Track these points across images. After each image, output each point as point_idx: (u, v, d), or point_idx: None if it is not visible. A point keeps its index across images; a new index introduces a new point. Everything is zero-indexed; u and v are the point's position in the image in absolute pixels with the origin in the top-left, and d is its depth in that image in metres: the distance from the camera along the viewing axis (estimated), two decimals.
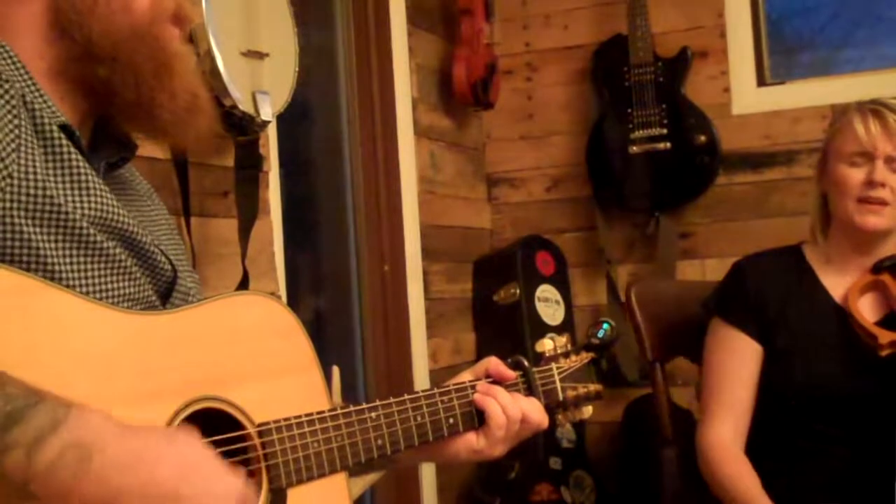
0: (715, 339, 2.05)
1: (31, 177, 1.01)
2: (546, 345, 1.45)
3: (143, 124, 1.15)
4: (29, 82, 1.07)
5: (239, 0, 1.99)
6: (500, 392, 1.33)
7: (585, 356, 1.48)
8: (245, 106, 1.99)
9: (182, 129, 1.15)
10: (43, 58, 1.09)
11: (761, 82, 3.22)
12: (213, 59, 1.88)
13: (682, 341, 2.24)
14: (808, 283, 2.05)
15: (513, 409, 1.32)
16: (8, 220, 0.99)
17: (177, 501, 0.92)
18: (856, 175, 1.98)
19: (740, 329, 2.01)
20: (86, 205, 1.05)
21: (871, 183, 1.96)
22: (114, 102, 1.12)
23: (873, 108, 2.00)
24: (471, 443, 1.32)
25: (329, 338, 2.86)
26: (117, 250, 1.07)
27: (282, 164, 2.43)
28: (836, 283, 2.04)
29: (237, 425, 1.08)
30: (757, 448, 1.98)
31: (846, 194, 1.99)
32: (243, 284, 2.09)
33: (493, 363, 1.37)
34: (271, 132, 2.35)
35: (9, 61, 1.07)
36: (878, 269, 2.02)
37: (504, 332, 3.19)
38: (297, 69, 2.15)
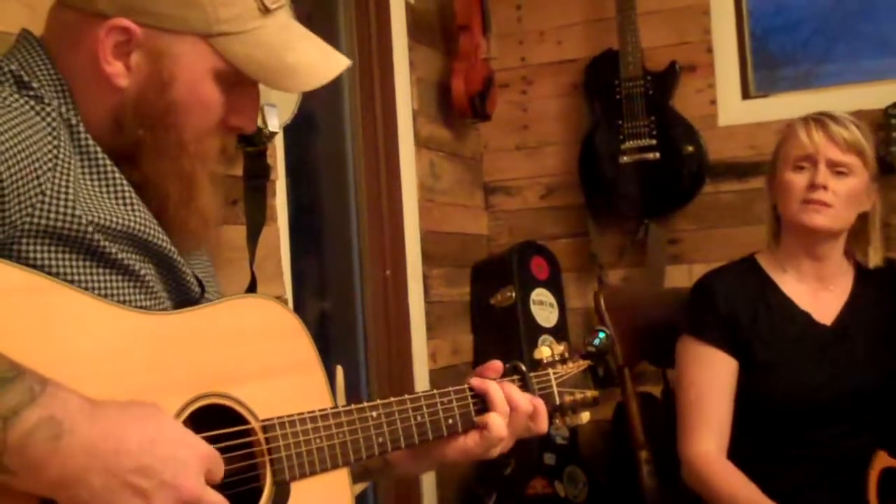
0: (689, 358, 2.04)
1: (62, 195, 1.01)
2: (544, 352, 1.46)
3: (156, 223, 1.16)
4: (73, 111, 1.07)
5: None
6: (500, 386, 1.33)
7: (582, 363, 1.48)
8: None
9: (185, 243, 1.17)
10: (92, 129, 1.09)
11: (746, 95, 3.22)
12: None
13: (648, 346, 2.23)
14: (773, 294, 2.05)
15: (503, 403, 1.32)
16: (34, 233, 1.00)
17: (142, 472, 0.92)
18: (800, 179, 2.01)
19: (715, 346, 2.01)
20: (129, 218, 1.06)
21: (813, 186, 1.98)
22: None
23: (816, 118, 2.04)
24: (459, 444, 1.32)
25: (333, 339, 2.86)
26: (140, 265, 1.08)
27: (288, 174, 2.43)
28: (797, 290, 2.06)
29: (242, 421, 1.09)
30: (743, 457, 1.97)
31: (792, 197, 2.01)
32: (251, 288, 2.09)
33: (480, 368, 1.38)
34: (278, 143, 2.35)
35: (59, 93, 1.08)
36: None
37: (501, 333, 3.19)
38: None
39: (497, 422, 1.31)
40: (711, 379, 2.00)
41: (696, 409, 2.00)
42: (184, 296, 1.14)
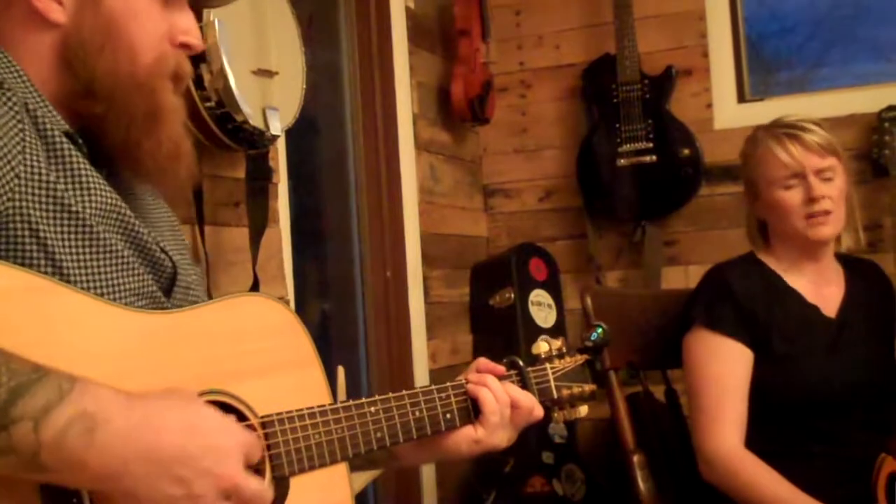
0: (706, 350, 2.01)
1: (36, 177, 1.02)
2: (541, 347, 1.46)
3: (128, 165, 1.16)
4: (33, 92, 1.07)
5: (250, 22, 2.00)
6: (490, 379, 1.34)
7: (579, 358, 1.48)
8: (255, 121, 1.99)
9: (163, 175, 1.17)
10: (46, 85, 1.10)
11: (741, 99, 3.23)
12: (225, 77, 1.88)
13: (636, 348, 2.20)
14: (781, 287, 2.06)
15: (502, 394, 1.32)
16: (19, 216, 1.00)
17: (183, 462, 0.92)
18: (795, 196, 2.01)
19: (733, 338, 1.99)
20: (87, 201, 1.05)
21: (812, 200, 1.99)
22: (104, 140, 1.13)
23: (786, 133, 2.03)
24: (470, 434, 1.32)
25: (334, 339, 2.87)
26: (119, 245, 1.08)
27: (290, 176, 2.44)
28: (802, 285, 2.07)
29: (241, 417, 1.09)
30: (760, 451, 1.95)
31: (793, 215, 2.02)
32: (254, 290, 2.10)
33: (483, 361, 1.38)
34: (280, 146, 2.36)
35: (14, 73, 1.08)
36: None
37: (499, 334, 3.20)
38: (304, 86, 2.16)
39: (489, 397, 1.31)
40: (730, 371, 1.97)
41: (716, 403, 1.96)
42: (159, 273, 1.14)
